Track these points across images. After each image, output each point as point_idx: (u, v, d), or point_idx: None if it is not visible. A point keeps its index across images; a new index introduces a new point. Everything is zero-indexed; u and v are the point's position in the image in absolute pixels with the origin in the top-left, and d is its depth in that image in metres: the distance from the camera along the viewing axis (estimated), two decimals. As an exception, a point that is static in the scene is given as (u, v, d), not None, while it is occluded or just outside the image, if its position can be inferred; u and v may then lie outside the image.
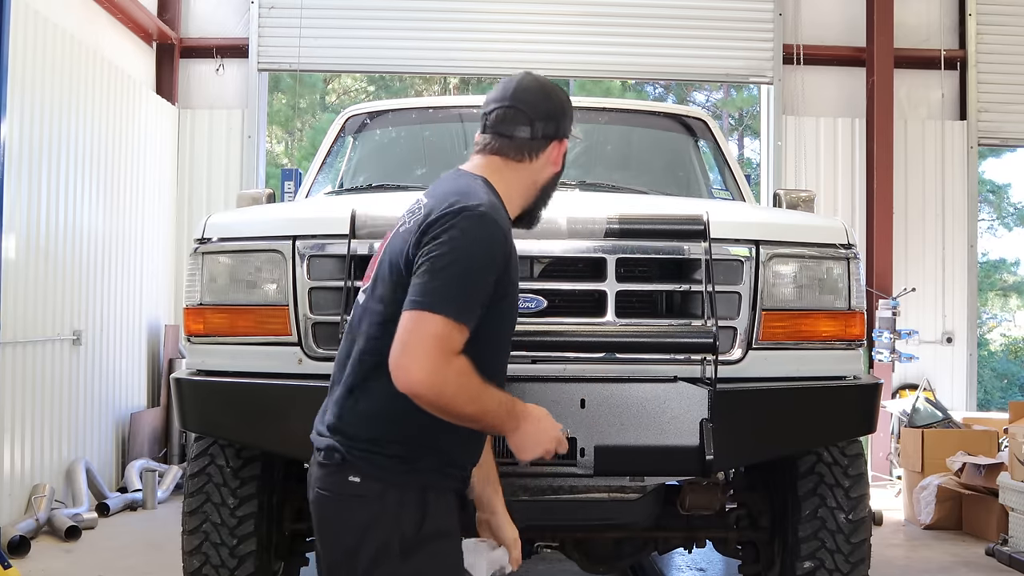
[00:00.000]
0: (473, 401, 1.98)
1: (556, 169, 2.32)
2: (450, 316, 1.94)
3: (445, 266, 1.97)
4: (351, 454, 2.07)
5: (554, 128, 2.28)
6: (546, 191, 2.34)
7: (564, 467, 2.89)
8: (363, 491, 2.05)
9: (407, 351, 1.93)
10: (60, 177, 6.54)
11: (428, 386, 1.92)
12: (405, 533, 2.03)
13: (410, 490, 2.06)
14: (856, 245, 3.24)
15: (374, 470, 2.05)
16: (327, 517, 2.11)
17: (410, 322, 1.95)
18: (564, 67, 9.56)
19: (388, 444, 2.06)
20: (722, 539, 3.66)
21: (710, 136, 4.79)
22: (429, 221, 2.03)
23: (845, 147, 9.32)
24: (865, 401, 3.26)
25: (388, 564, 2.03)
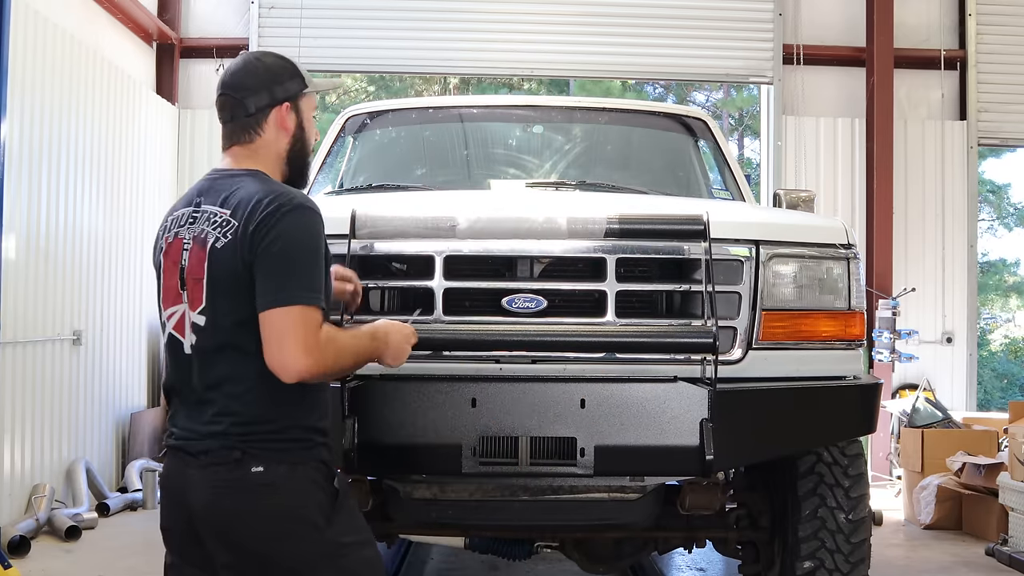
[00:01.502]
0: (350, 354, 2.22)
1: (289, 134, 2.39)
2: (306, 302, 2.11)
3: (286, 260, 2.13)
4: (251, 446, 2.15)
5: (266, 97, 2.35)
6: (294, 159, 2.41)
7: (564, 467, 2.89)
8: (270, 478, 2.14)
9: (283, 347, 2.09)
10: (60, 177, 6.54)
11: (313, 368, 2.11)
12: (322, 503, 2.19)
13: (311, 465, 2.21)
14: (856, 245, 3.23)
15: (277, 456, 2.16)
16: (234, 512, 2.14)
17: (277, 319, 2.10)
18: (564, 67, 9.56)
19: (286, 429, 2.18)
20: (722, 539, 3.66)
21: (710, 136, 4.79)
22: (253, 227, 2.14)
23: (845, 147, 9.32)
24: (865, 401, 3.26)
25: (317, 535, 2.16)
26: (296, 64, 2.43)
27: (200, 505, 2.15)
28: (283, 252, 2.13)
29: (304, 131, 2.42)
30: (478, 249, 2.98)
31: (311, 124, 2.46)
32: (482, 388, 2.88)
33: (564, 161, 4.70)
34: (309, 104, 2.44)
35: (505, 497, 2.94)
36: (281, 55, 2.44)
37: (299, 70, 2.42)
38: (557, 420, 2.87)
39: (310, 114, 2.45)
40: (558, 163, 4.68)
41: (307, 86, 2.41)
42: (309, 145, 2.45)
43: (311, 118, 2.46)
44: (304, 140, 2.43)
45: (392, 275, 3.09)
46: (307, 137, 2.44)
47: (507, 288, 3.01)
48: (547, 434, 2.88)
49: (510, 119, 4.78)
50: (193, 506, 2.16)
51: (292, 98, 2.38)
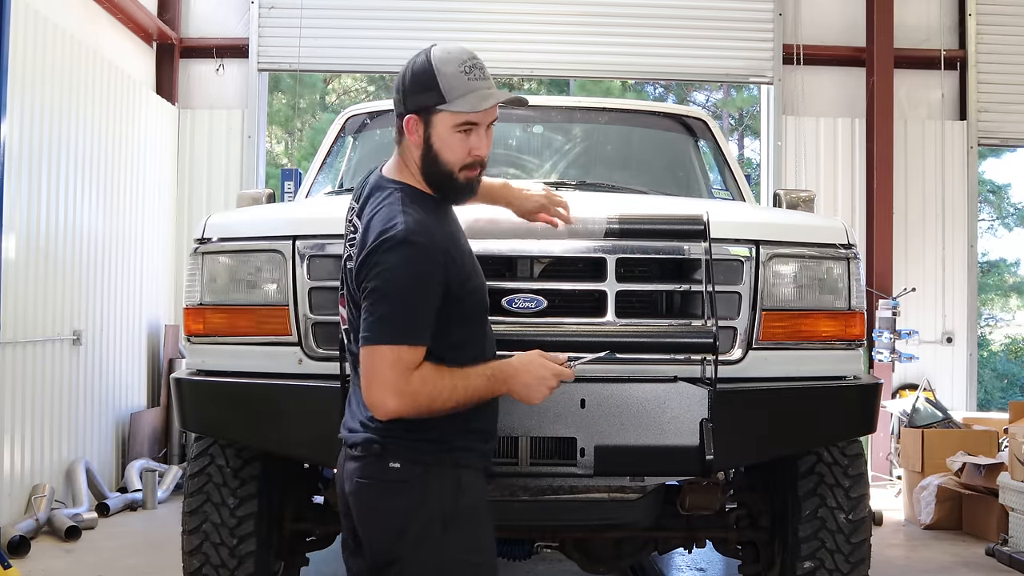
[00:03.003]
0: (451, 396, 2.16)
1: (418, 147, 2.26)
2: (397, 342, 2.12)
3: (380, 298, 2.14)
4: (390, 442, 2.22)
5: (402, 104, 2.29)
6: (430, 171, 2.27)
7: (564, 467, 2.89)
8: (405, 475, 2.21)
9: (371, 387, 2.15)
10: (60, 177, 6.54)
11: (402, 409, 2.13)
12: (445, 508, 2.21)
13: (446, 468, 2.23)
14: (856, 245, 3.23)
15: (414, 454, 2.21)
16: (371, 504, 2.25)
17: (366, 358, 2.15)
18: (564, 67, 9.56)
19: (423, 430, 2.21)
20: (722, 539, 3.66)
21: (710, 136, 4.79)
22: (362, 258, 2.18)
23: (845, 147, 9.32)
24: (865, 401, 3.26)
25: (433, 540, 2.20)
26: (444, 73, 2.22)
27: (348, 492, 2.29)
28: (378, 290, 2.14)
29: (432, 148, 2.25)
30: (478, 249, 2.96)
31: (445, 142, 2.25)
32: (482, 388, 2.87)
33: (564, 161, 4.70)
34: (447, 121, 2.23)
35: (505, 497, 2.94)
36: (441, 60, 2.23)
37: (437, 82, 2.21)
38: (557, 420, 2.88)
39: (447, 131, 2.24)
40: (558, 163, 4.68)
41: (444, 102, 2.21)
42: (444, 164, 2.26)
43: (449, 136, 2.24)
44: (433, 157, 2.26)
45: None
46: (438, 155, 2.25)
47: (507, 288, 3.01)
48: (547, 434, 2.88)
49: (510, 119, 4.78)
50: (346, 493, 2.31)
51: (422, 111, 2.24)
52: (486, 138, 2.30)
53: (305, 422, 2.95)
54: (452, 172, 2.27)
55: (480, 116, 2.25)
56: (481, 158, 2.30)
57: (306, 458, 3.41)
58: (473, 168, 2.30)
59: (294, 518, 3.59)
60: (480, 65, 2.26)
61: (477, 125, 2.26)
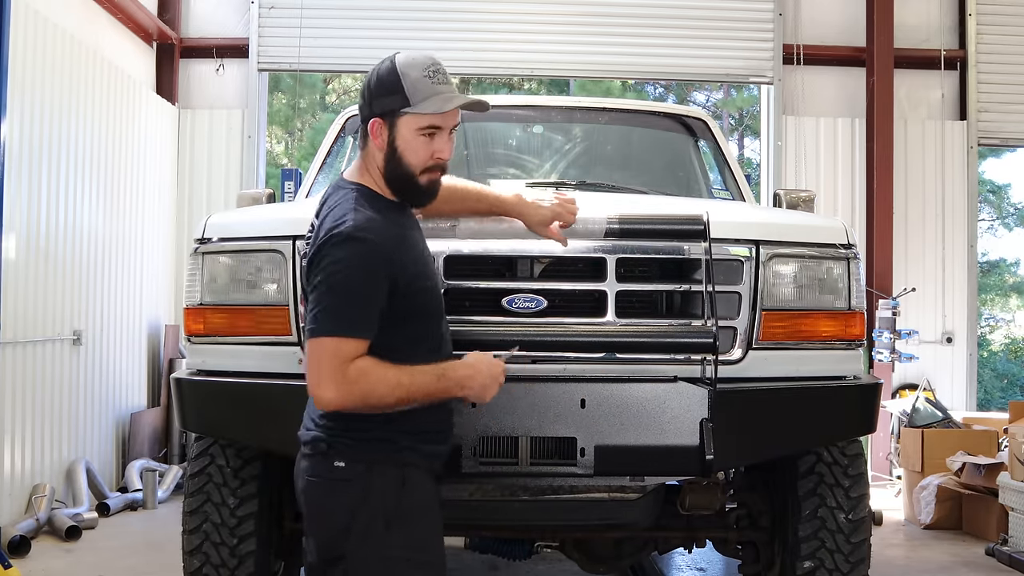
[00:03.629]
0: (392, 391, 2.17)
1: (382, 151, 2.32)
2: (337, 334, 2.16)
3: (325, 291, 2.18)
4: (336, 441, 2.25)
5: (367, 108, 2.35)
6: (394, 174, 2.33)
7: (564, 467, 2.90)
8: (349, 474, 2.24)
9: (312, 376, 2.19)
10: (60, 177, 6.54)
11: (339, 400, 2.16)
12: (388, 507, 2.22)
13: (390, 467, 2.25)
14: (856, 245, 3.23)
15: (357, 453, 2.24)
16: (318, 502, 2.28)
17: (309, 350, 2.20)
18: (564, 67, 9.56)
19: (369, 429, 2.24)
20: (722, 539, 3.66)
21: (710, 136, 4.79)
22: (312, 254, 2.25)
23: (845, 147, 9.32)
24: (865, 401, 3.26)
25: (375, 537, 2.21)
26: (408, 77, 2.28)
27: (298, 490, 2.34)
28: (323, 283, 2.19)
29: (396, 151, 2.31)
30: (478, 249, 2.98)
31: (408, 145, 2.30)
32: (482, 388, 2.87)
33: (564, 161, 4.70)
34: (411, 124, 2.29)
35: (505, 497, 2.94)
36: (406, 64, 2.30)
37: (401, 85, 2.27)
38: (557, 420, 2.88)
39: (411, 133, 2.29)
40: (558, 163, 4.68)
41: (408, 105, 2.27)
42: (406, 167, 2.32)
43: (412, 139, 2.30)
44: (397, 160, 2.31)
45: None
46: (401, 157, 2.31)
47: (507, 288, 3.01)
48: (547, 434, 2.88)
49: (510, 119, 4.78)
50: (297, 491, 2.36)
51: (386, 114, 2.30)
52: (448, 142, 2.36)
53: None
54: (414, 174, 2.33)
55: (443, 120, 2.31)
56: (443, 161, 2.36)
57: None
58: (434, 171, 2.36)
59: (294, 518, 3.58)
60: (443, 70, 2.34)
61: (440, 129, 2.32)
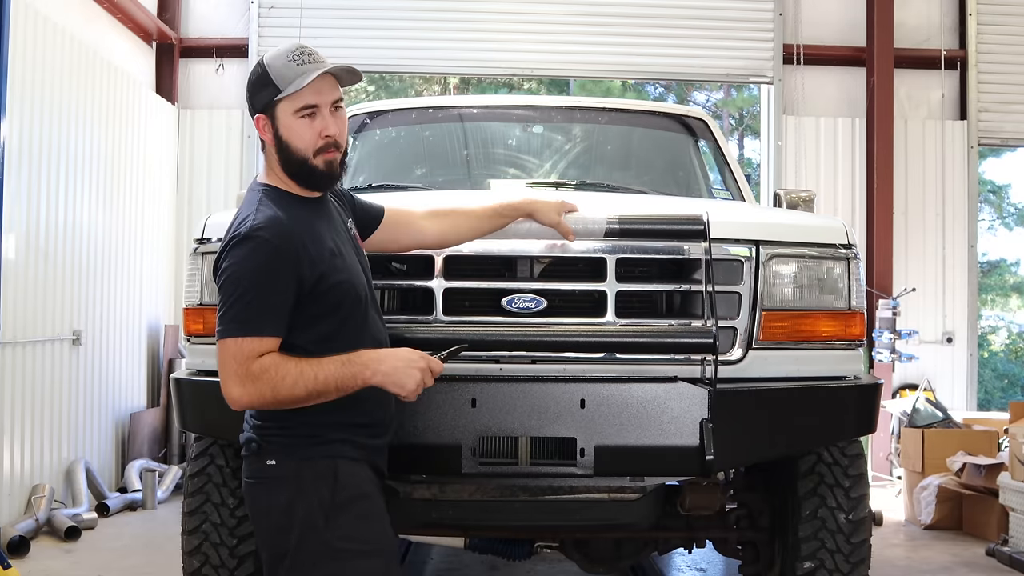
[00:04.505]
0: (297, 382, 2.14)
1: (272, 144, 2.31)
2: (238, 334, 2.15)
3: (226, 294, 2.19)
4: (265, 440, 2.26)
5: (252, 111, 2.35)
6: (286, 166, 2.31)
7: (564, 467, 2.89)
8: (280, 472, 2.23)
9: (223, 382, 2.19)
10: (60, 177, 6.54)
11: (246, 399, 2.17)
12: (324, 501, 2.20)
13: (320, 462, 2.24)
14: (856, 245, 3.23)
15: (286, 451, 2.24)
16: (255, 502, 2.28)
17: (217, 352, 2.20)
18: (564, 67, 9.56)
19: (295, 425, 2.23)
20: (722, 539, 3.66)
21: (710, 136, 4.79)
22: (216, 258, 2.26)
23: (845, 147, 9.31)
24: (865, 401, 3.26)
25: (315, 533, 2.20)
26: (274, 67, 2.28)
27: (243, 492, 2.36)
28: (223, 286, 2.20)
29: (283, 140, 2.29)
30: (478, 249, 2.98)
31: (291, 131, 2.28)
32: (482, 388, 2.87)
33: (564, 161, 4.70)
34: (287, 109, 2.27)
35: (505, 497, 2.94)
36: (272, 57, 2.31)
37: (270, 77, 2.27)
38: (557, 420, 2.87)
39: (290, 118, 2.28)
40: (558, 163, 4.68)
41: (279, 92, 2.26)
42: (296, 151, 2.29)
43: (293, 123, 2.28)
44: (286, 150, 2.29)
45: (392, 275, 3.09)
46: (289, 144, 2.29)
47: (507, 288, 3.01)
48: (547, 434, 2.88)
49: (510, 119, 4.78)
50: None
51: (266, 109, 2.30)
52: (333, 118, 2.30)
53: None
54: (307, 158, 2.29)
55: (316, 96, 2.27)
56: (333, 138, 2.30)
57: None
58: (328, 150, 2.30)
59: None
60: (309, 51, 2.29)
61: (318, 107, 2.28)
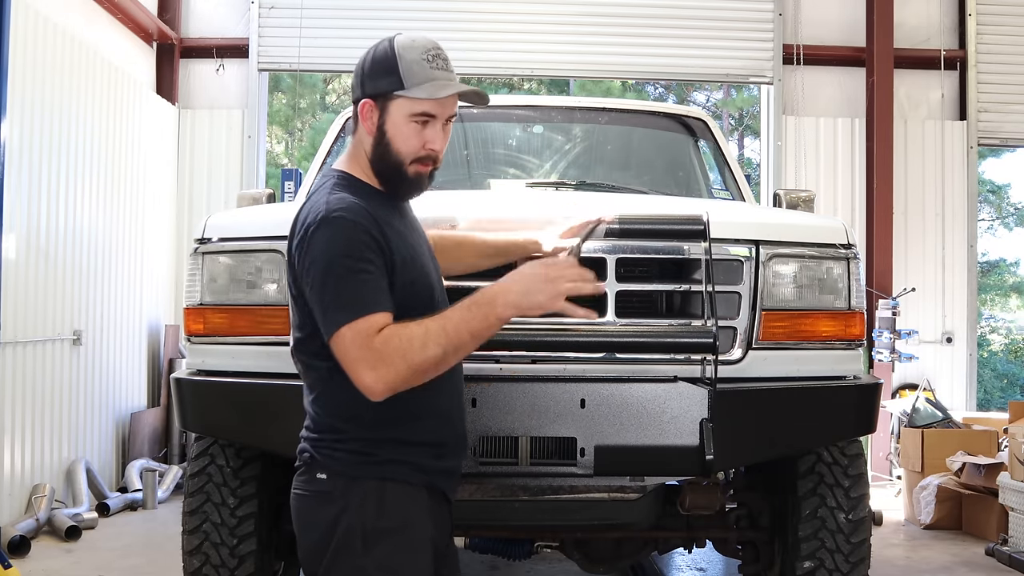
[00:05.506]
0: (427, 340, 1.96)
1: (371, 135, 2.17)
2: (349, 320, 1.97)
3: (321, 284, 2.01)
4: (318, 452, 2.14)
5: (359, 89, 2.19)
6: (381, 161, 2.16)
7: (564, 467, 2.90)
8: (329, 487, 2.11)
9: (353, 375, 1.99)
10: (60, 177, 6.54)
11: (383, 383, 1.97)
12: (366, 525, 2.07)
13: (370, 483, 2.09)
14: (856, 245, 3.23)
15: (337, 466, 2.11)
16: (301, 515, 2.17)
17: (335, 351, 2.01)
18: (564, 67, 9.56)
19: (347, 440, 2.12)
20: (722, 539, 3.66)
21: (710, 136, 4.79)
22: (295, 248, 2.10)
23: (845, 147, 9.32)
24: (865, 401, 3.26)
25: (351, 556, 2.08)
26: (405, 59, 2.12)
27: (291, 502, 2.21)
28: (316, 276, 2.02)
29: (385, 135, 2.14)
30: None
31: (399, 130, 2.14)
32: (482, 388, 2.88)
33: (564, 161, 4.70)
34: (403, 108, 2.13)
35: (505, 497, 2.94)
36: (404, 46, 2.14)
37: (397, 67, 2.11)
38: (557, 420, 2.88)
39: (403, 119, 2.13)
40: (558, 163, 4.68)
41: (402, 87, 2.11)
42: (395, 153, 2.15)
43: (404, 124, 2.14)
44: (385, 146, 2.15)
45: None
46: (390, 143, 2.14)
47: (507, 288, 3.00)
48: (547, 434, 2.88)
49: (510, 119, 4.78)
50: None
51: (379, 97, 2.15)
52: (442, 134, 2.18)
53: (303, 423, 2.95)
54: (402, 163, 2.15)
55: (438, 108, 2.14)
56: (435, 152, 2.17)
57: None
58: (425, 163, 2.17)
59: (294, 518, 3.59)
60: (444, 56, 2.16)
61: (434, 118, 2.15)
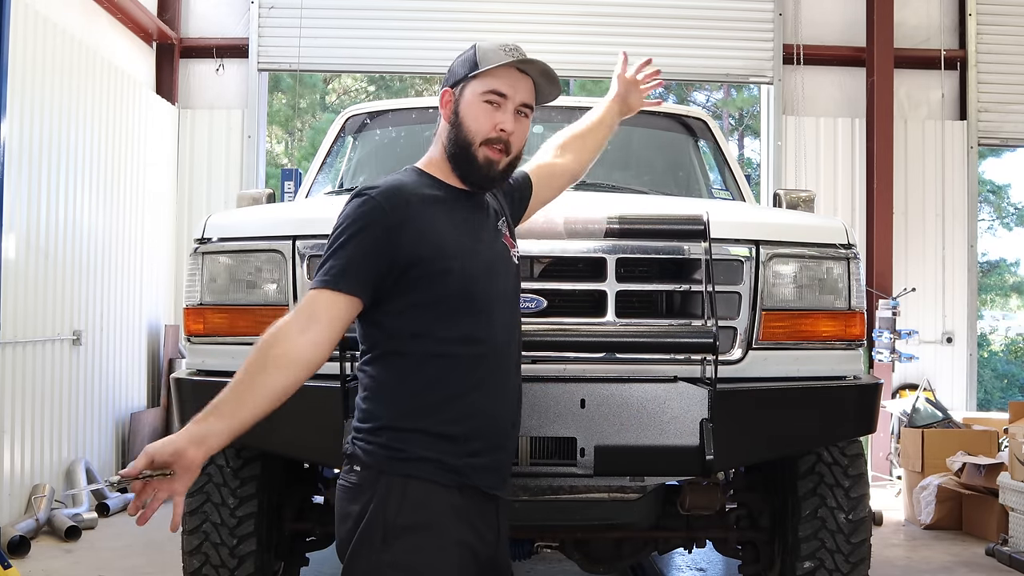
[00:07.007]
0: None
1: (448, 121, 2.24)
2: (320, 286, 2.06)
3: (326, 246, 2.13)
4: (355, 445, 2.15)
5: (446, 82, 2.29)
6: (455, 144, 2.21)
7: (564, 467, 2.89)
8: (361, 480, 2.11)
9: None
10: (60, 177, 6.54)
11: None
12: (387, 520, 2.06)
13: (395, 478, 2.08)
14: (856, 245, 3.23)
15: (369, 459, 2.11)
16: (337, 505, 2.17)
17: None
18: (564, 67, 9.54)
19: (379, 432, 2.12)
20: (722, 539, 3.66)
21: (710, 136, 4.79)
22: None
23: (845, 147, 9.32)
24: (865, 401, 3.26)
25: (369, 550, 2.07)
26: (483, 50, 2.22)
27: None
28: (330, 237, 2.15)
29: (459, 116, 2.21)
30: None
31: (470, 109, 2.20)
32: (482, 388, 2.87)
33: (564, 161, 4.69)
34: (475, 88, 2.19)
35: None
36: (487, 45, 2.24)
37: (475, 58, 2.20)
38: (557, 420, 2.87)
39: (475, 97, 2.19)
40: (558, 163, 4.67)
41: (476, 68, 2.19)
42: (467, 133, 2.19)
43: (475, 103, 2.19)
44: (458, 127, 2.20)
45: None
46: (462, 123, 2.20)
47: (507, 288, 3.00)
48: (547, 434, 2.88)
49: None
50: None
51: (456, 85, 2.24)
52: (514, 118, 2.21)
53: (305, 422, 2.95)
54: (472, 142, 2.18)
55: (507, 87, 2.19)
56: (506, 134, 2.19)
57: (306, 458, 3.42)
58: (495, 146, 2.19)
59: (294, 518, 3.59)
60: (522, 50, 2.22)
61: (506, 98, 2.20)
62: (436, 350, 2.11)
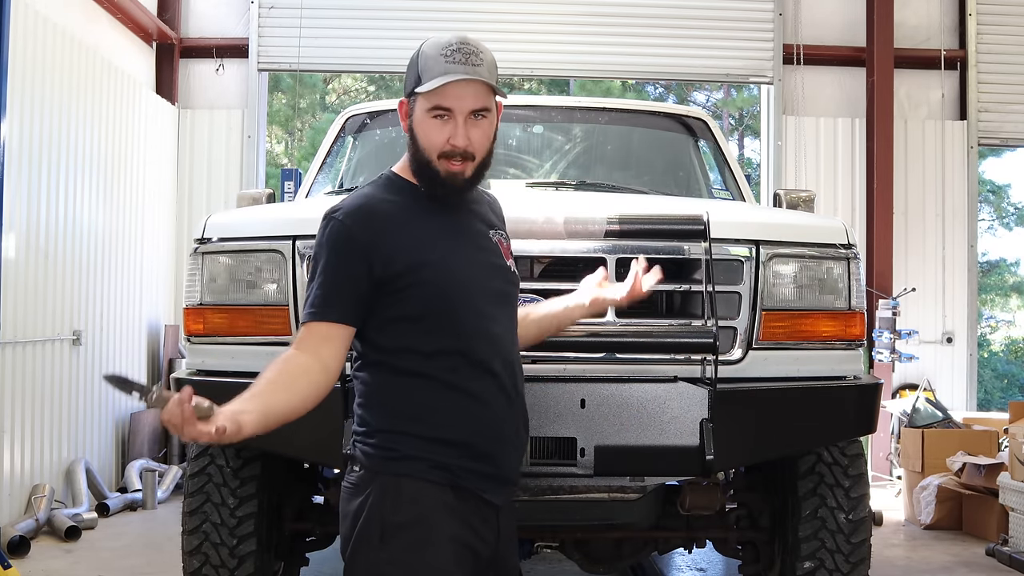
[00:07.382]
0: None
1: (407, 131, 2.19)
2: (308, 319, 2.12)
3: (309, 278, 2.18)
4: (356, 447, 2.18)
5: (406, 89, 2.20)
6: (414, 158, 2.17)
7: (564, 467, 2.89)
8: (359, 480, 2.14)
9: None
10: (60, 177, 6.54)
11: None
12: (384, 519, 2.08)
13: (389, 477, 2.10)
14: (856, 245, 3.23)
15: (365, 460, 2.14)
16: (341, 506, 2.20)
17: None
18: (564, 67, 9.56)
19: (374, 435, 2.15)
20: (722, 539, 3.66)
21: (710, 136, 4.79)
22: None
23: (845, 147, 9.32)
24: (865, 401, 3.26)
25: (367, 549, 2.09)
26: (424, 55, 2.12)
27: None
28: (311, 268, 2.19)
29: (414, 132, 2.15)
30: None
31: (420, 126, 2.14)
32: (482, 388, 2.87)
33: (564, 161, 4.70)
34: (422, 104, 2.12)
35: (505, 497, 2.94)
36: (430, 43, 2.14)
37: (417, 64, 2.12)
38: (557, 420, 2.88)
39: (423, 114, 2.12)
40: (558, 163, 4.68)
41: (419, 83, 2.10)
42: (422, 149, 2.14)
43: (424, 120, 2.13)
44: (415, 143, 2.16)
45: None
46: (417, 139, 2.15)
47: (507, 288, 3.00)
48: (547, 434, 2.88)
49: (510, 119, 4.77)
50: None
51: (409, 96, 2.17)
52: (467, 127, 2.11)
53: (305, 422, 2.93)
54: (430, 160, 2.13)
55: (451, 101, 2.09)
56: (457, 148, 2.10)
57: (306, 458, 3.42)
58: (451, 158, 2.11)
59: (294, 518, 3.59)
60: (466, 51, 2.10)
61: (450, 111, 2.10)
62: (421, 367, 2.11)
